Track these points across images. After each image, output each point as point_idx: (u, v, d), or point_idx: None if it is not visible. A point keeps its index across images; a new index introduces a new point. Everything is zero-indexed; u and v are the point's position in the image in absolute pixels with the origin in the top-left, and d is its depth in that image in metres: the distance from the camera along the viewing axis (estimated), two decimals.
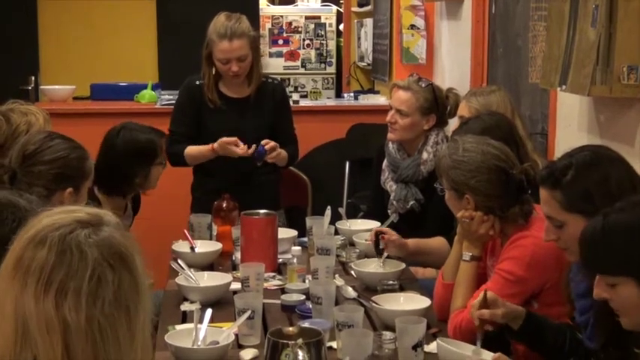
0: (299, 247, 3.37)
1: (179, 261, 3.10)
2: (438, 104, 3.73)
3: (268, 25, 8.17)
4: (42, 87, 6.47)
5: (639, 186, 2.13)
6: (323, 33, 8.24)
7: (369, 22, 7.00)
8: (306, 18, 8.26)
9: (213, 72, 3.93)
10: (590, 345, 2.18)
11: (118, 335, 1.35)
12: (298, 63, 8.20)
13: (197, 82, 3.99)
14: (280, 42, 8.20)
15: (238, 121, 3.92)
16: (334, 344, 2.46)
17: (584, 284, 2.28)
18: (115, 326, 1.35)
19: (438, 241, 3.46)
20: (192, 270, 3.06)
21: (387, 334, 2.49)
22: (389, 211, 3.69)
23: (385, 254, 3.26)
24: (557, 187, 2.25)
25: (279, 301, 2.92)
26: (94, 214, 1.43)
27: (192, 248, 3.38)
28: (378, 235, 3.29)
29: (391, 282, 3.02)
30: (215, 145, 3.83)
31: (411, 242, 3.40)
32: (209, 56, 3.90)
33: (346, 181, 5.54)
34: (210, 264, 3.35)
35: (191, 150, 3.95)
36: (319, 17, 8.27)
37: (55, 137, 2.83)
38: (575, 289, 2.35)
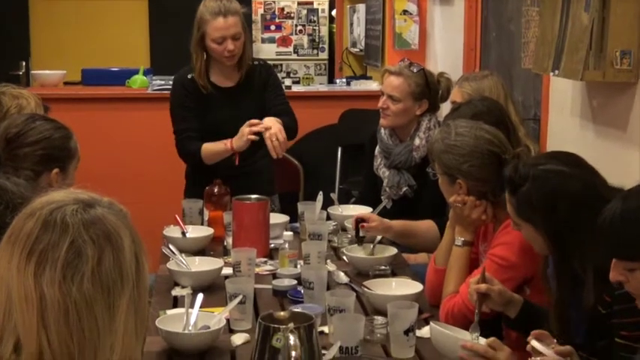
0: (291, 233, 3.35)
1: (170, 246, 3.09)
2: (430, 89, 3.71)
3: (260, 11, 8.14)
4: (33, 72, 6.44)
5: (597, 203, 2.12)
6: (315, 19, 8.21)
7: (361, 7, 6.98)
8: (299, 4, 8.23)
9: (204, 57, 3.89)
10: (575, 340, 2.19)
11: (95, 314, 1.33)
12: (290, 49, 8.17)
13: (189, 76, 3.90)
14: (272, 28, 8.18)
15: (231, 110, 3.88)
16: (326, 329, 2.46)
17: None
18: (91, 304, 1.33)
19: (425, 224, 3.45)
20: (183, 255, 3.05)
21: (379, 319, 2.49)
22: (382, 197, 3.69)
23: (377, 240, 3.26)
24: (513, 195, 2.35)
25: (270, 286, 2.92)
26: (93, 197, 1.42)
27: (183, 233, 3.37)
28: (358, 222, 3.28)
29: (383, 267, 3.02)
30: (234, 139, 3.69)
31: (397, 224, 3.39)
32: (201, 40, 3.84)
33: (338, 166, 5.54)
34: (201, 249, 3.34)
35: (206, 149, 3.81)
36: (312, 3, 8.24)
37: (37, 119, 2.79)
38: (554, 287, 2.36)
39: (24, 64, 6.86)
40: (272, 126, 3.65)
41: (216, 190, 3.59)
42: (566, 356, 2.05)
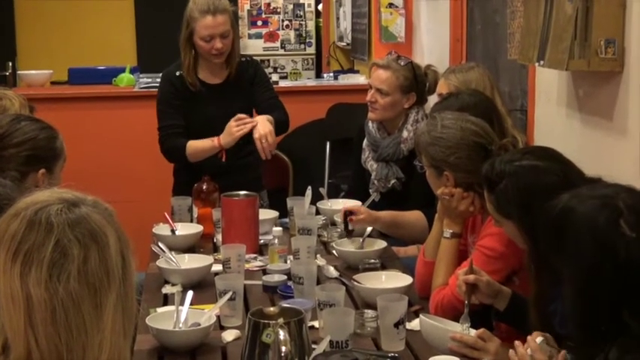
0: (280, 228, 3.35)
1: (160, 244, 3.09)
2: (417, 82, 3.72)
3: (247, 7, 8.13)
4: (19, 72, 6.43)
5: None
6: (302, 13, 8.21)
7: (347, 1, 6.97)
8: None
9: (193, 54, 3.88)
10: (560, 332, 2.19)
11: (82, 313, 1.33)
12: (277, 44, 8.17)
13: (177, 73, 3.90)
14: (259, 23, 8.17)
15: (220, 107, 3.87)
16: (316, 323, 2.46)
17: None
18: (78, 303, 1.33)
19: (414, 214, 3.45)
20: (173, 252, 3.05)
21: (369, 313, 2.50)
22: (370, 190, 3.69)
23: (367, 233, 3.27)
24: (491, 192, 2.37)
25: (260, 282, 2.92)
26: (78, 196, 1.42)
27: (172, 231, 3.37)
28: (346, 215, 3.29)
29: (372, 261, 3.02)
30: (221, 136, 3.72)
31: (385, 215, 3.40)
32: (190, 37, 3.84)
33: (327, 161, 5.53)
34: (191, 246, 3.34)
35: (192, 146, 3.83)
36: None
37: (22, 119, 2.78)
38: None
39: (10, 64, 6.83)
40: (262, 127, 3.65)
41: (204, 186, 3.59)
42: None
